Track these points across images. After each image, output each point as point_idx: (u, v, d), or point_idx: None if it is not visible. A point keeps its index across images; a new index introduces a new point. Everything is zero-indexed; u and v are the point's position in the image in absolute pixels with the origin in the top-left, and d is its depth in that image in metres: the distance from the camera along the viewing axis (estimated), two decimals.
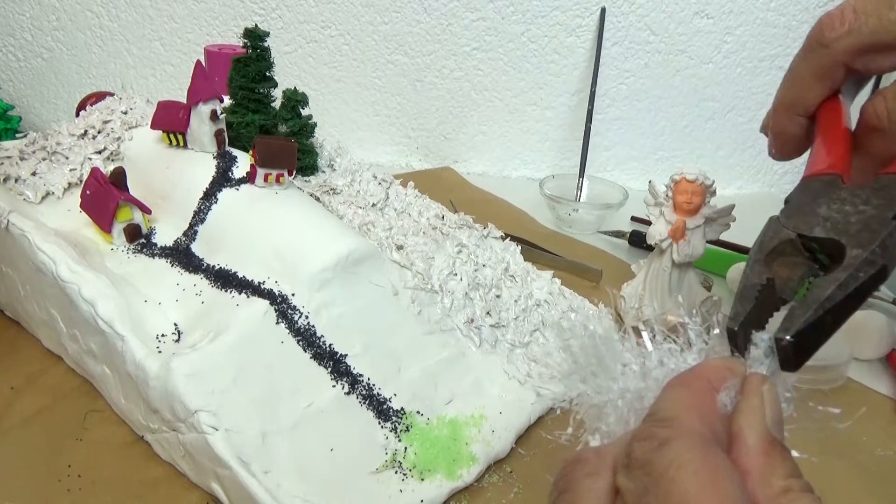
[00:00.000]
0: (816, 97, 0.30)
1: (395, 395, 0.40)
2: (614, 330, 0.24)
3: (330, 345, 0.40)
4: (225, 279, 0.42)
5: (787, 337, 0.21)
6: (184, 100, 0.49)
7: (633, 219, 0.80)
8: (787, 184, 0.95)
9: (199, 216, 0.46)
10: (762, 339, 0.21)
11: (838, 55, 0.28)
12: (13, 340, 0.48)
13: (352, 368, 0.40)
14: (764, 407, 0.19)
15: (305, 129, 0.59)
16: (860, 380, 0.52)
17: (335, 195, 0.57)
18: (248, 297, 0.40)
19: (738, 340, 0.22)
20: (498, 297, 0.49)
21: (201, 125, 0.48)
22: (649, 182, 0.55)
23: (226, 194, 0.46)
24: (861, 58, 0.28)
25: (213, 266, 0.43)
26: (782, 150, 0.32)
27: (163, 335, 0.39)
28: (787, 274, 0.24)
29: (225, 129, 0.50)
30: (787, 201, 0.26)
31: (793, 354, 0.21)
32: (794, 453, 0.19)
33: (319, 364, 0.39)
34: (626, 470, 0.19)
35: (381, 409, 0.40)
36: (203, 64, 0.50)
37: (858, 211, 0.23)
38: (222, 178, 0.47)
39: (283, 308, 0.40)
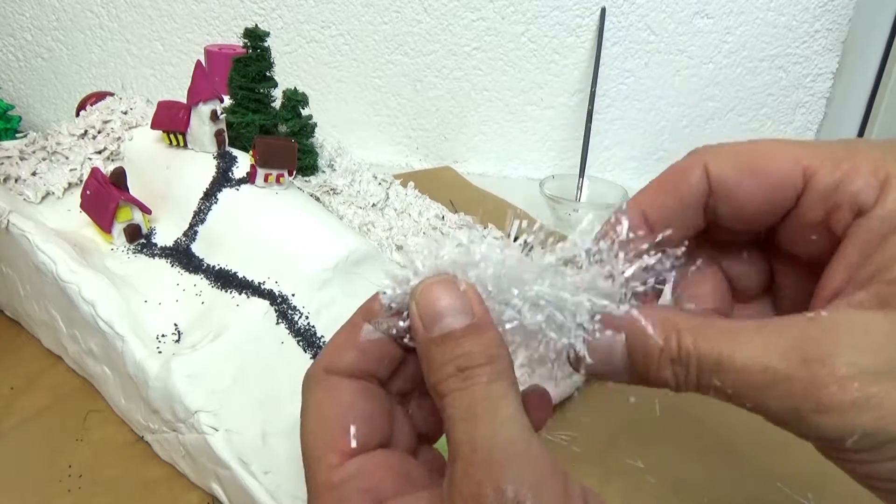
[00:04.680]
0: None
1: None
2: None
3: None
4: (225, 279, 0.42)
5: None
6: (184, 100, 0.49)
7: None
8: None
9: (199, 216, 0.46)
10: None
11: None
12: (13, 340, 0.48)
13: None
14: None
15: (305, 129, 0.59)
16: None
17: (335, 195, 0.57)
18: (248, 297, 0.40)
19: None
20: None
21: (201, 125, 0.48)
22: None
23: (226, 194, 0.46)
24: None
25: (214, 266, 0.43)
26: None
27: (163, 335, 0.39)
28: None
29: (225, 129, 0.49)
30: None
31: None
32: None
33: None
34: None
35: None
36: (203, 64, 0.50)
37: None
38: (222, 178, 0.47)
39: (283, 308, 0.40)
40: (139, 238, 0.47)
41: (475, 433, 0.19)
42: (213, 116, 0.48)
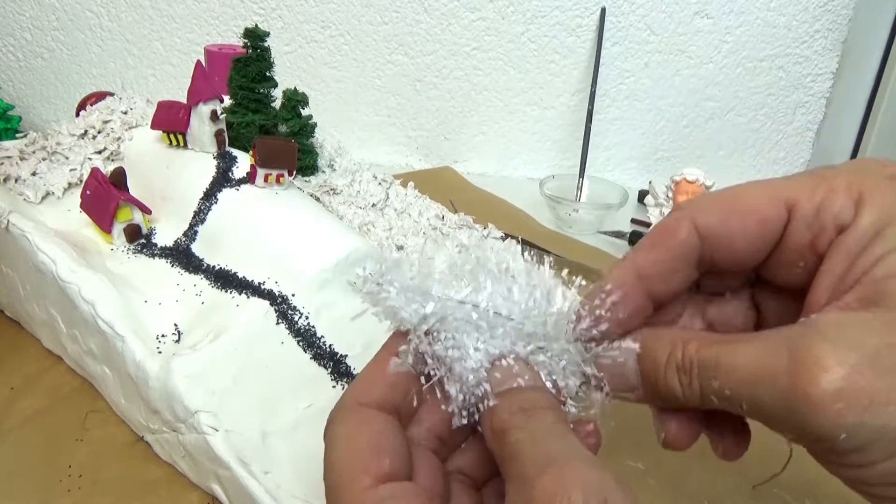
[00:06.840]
0: None
1: None
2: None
3: (330, 345, 0.40)
4: (225, 279, 0.42)
5: None
6: (184, 100, 0.49)
7: (634, 221, 0.80)
8: None
9: (199, 216, 0.46)
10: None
11: None
12: (13, 340, 0.48)
13: (352, 369, 0.40)
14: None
15: (305, 129, 0.59)
16: None
17: (335, 195, 0.57)
18: (248, 297, 0.40)
19: None
20: None
21: (201, 125, 0.48)
22: (649, 182, 0.56)
23: (226, 194, 0.46)
24: None
25: (213, 266, 0.43)
26: None
27: (163, 335, 0.39)
28: None
29: (225, 130, 0.50)
30: None
31: None
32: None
33: (319, 364, 0.39)
34: None
35: None
36: (203, 64, 0.50)
37: None
38: (222, 179, 0.47)
39: (283, 308, 0.40)
40: (139, 238, 0.47)
41: (546, 451, 0.20)
42: (213, 116, 0.48)
